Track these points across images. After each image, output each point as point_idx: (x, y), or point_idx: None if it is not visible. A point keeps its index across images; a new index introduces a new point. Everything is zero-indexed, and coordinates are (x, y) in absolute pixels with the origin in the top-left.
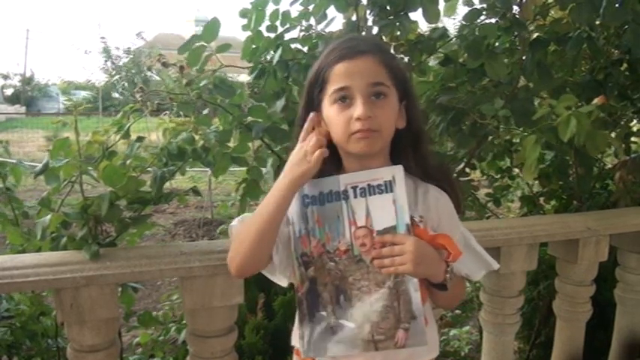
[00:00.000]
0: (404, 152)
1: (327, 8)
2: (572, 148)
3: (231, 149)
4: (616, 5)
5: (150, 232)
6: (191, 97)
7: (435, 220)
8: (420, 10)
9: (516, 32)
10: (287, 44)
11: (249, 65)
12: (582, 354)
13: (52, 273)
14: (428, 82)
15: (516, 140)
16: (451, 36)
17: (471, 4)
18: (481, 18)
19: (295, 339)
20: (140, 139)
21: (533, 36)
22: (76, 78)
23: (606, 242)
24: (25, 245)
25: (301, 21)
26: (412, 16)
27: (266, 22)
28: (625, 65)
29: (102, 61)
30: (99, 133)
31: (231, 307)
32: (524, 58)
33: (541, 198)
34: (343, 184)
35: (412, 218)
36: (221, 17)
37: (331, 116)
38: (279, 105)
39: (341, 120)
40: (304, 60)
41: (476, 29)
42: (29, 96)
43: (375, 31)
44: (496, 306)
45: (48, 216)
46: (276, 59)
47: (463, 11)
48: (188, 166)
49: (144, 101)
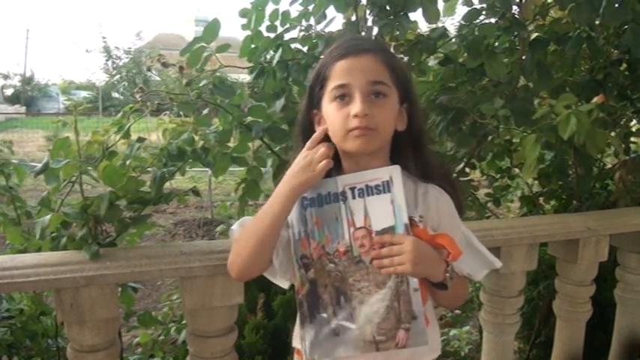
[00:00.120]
0: (404, 153)
1: (327, 8)
2: (571, 148)
3: (231, 149)
4: (615, 5)
5: (150, 232)
6: (191, 97)
7: (435, 220)
8: (420, 11)
9: (516, 32)
10: (287, 44)
11: (249, 65)
12: (582, 354)
13: (52, 273)
14: (428, 82)
15: (516, 140)
16: (451, 36)
17: (471, 4)
18: (480, 18)
19: (296, 340)
20: (141, 140)
21: (532, 36)
22: (77, 78)
23: (606, 242)
24: (25, 245)
25: (301, 21)
26: (412, 17)
27: (266, 22)
28: (624, 65)
29: (102, 61)
30: (99, 133)
31: (231, 307)
32: (523, 58)
33: (541, 198)
34: (341, 186)
35: (412, 218)
36: (221, 17)
37: (330, 113)
38: (278, 105)
39: (339, 117)
40: (304, 60)
41: (475, 29)
42: (29, 96)
43: (375, 32)
44: (496, 306)
45: (48, 216)
46: (276, 59)
47: (462, 11)
48: (188, 167)
49: (144, 101)
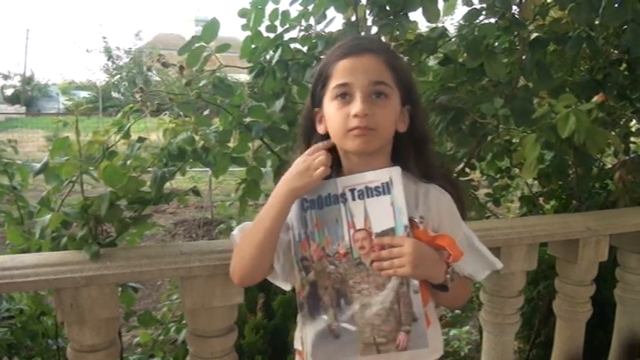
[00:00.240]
0: (405, 154)
1: (327, 8)
2: (571, 148)
3: (231, 149)
4: (615, 5)
5: (150, 232)
6: (191, 97)
7: (436, 221)
8: (420, 10)
9: (516, 32)
10: (286, 44)
11: (248, 65)
12: (582, 354)
13: (52, 273)
14: (427, 82)
15: (516, 140)
16: (450, 36)
17: (471, 4)
18: (480, 18)
19: (297, 341)
20: (141, 140)
21: (532, 36)
22: (77, 78)
23: (606, 242)
24: (25, 245)
25: (301, 21)
26: (412, 16)
27: (265, 22)
28: (624, 65)
29: (103, 61)
30: (99, 133)
31: (231, 307)
32: (523, 58)
33: (541, 198)
34: (341, 187)
35: (412, 219)
36: (221, 17)
37: (330, 112)
38: (278, 105)
39: (339, 116)
40: (303, 60)
41: (475, 29)
42: (29, 96)
43: (375, 31)
44: (496, 306)
45: (48, 215)
46: (275, 59)
47: (462, 11)
48: (188, 167)
49: (144, 101)
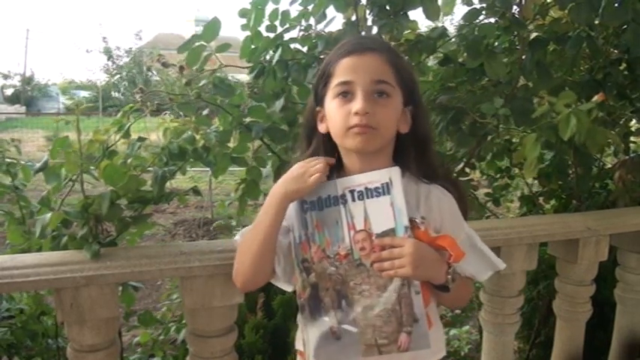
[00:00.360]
0: (407, 154)
1: (327, 8)
2: (571, 148)
3: (231, 149)
4: (615, 5)
5: (150, 232)
6: (191, 97)
7: (438, 221)
8: (420, 10)
9: (516, 32)
10: (286, 44)
11: (249, 65)
12: (582, 354)
13: (52, 273)
14: (427, 82)
15: (516, 140)
16: (450, 35)
17: (471, 4)
18: (480, 18)
19: (299, 342)
20: (141, 139)
21: (532, 35)
22: (77, 77)
23: (606, 242)
24: (25, 244)
25: (301, 21)
26: (412, 16)
27: (265, 22)
28: (624, 65)
29: (103, 61)
30: (99, 132)
31: (231, 307)
32: (523, 58)
33: (540, 198)
34: (341, 189)
35: (413, 220)
36: (221, 17)
37: (332, 109)
38: (278, 105)
39: (340, 114)
40: (304, 60)
41: (475, 29)
42: (29, 96)
43: (375, 31)
44: (496, 306)
45: (48, 214)
46: (275, 59)
47: (461, 11)
48: (189, 166)
49: (144, 102)
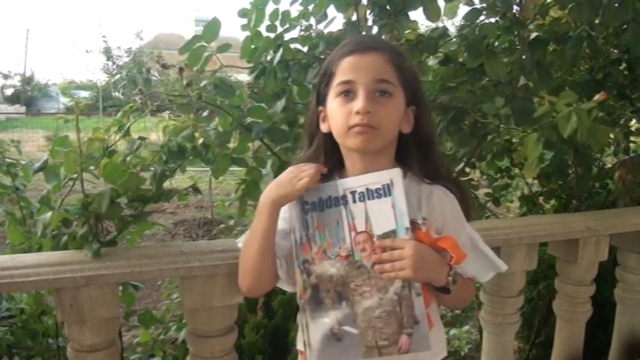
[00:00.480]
0: (409, 154)
1: (327, 8)
2: (571, 148)
3: (231, 150)
4: (616, 5)
5: (150, 232)
6: (191, 98)
7: (440, 221)
8: (421, 10)
9: (516, 32)
10: (287, 44)
11: (249, 65)
12: (582, 354)
13: (53, 273)
14: (427, 82)
15: (515, 140)
16: (451, 36)
17: (472, 4)
18: (481, 18)
19: (300, 343)
20: (142, 139)
21: (532, 35)
22: (77, 77)
23: (606, 242)
24: (26, 244)
25: (301, 21)
26: (413, 16)
27: (266, 22)
28: (624, 65)
29: (103, 61)
30: (99, 131)
31: (231, 307)
32: (523, 58)
33: (540, 197)
34: (342, 190)
35: (415, 221)
36: (221, 17)
37: (333, 109)
38: (279, 106)
39: (342, 113)
40: (304, 60)
41: (476, 29)
42: (29, 96)
43: (375, 31)
44: (496, 306)
45: (48, 213)
46: (277, 59)
47: (462, 11)
48: (188, 165)
49: (143, 103)
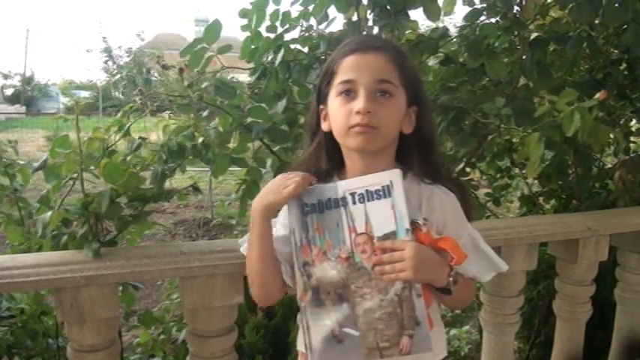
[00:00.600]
0: (410, 154)
1: (328, 8)
2: (571, 148)
3: (231, 150)
4: (616, 5)
5: (150, 232)
6: (192, 99)
7: (441, 222)
8: (421, 10)
9: (516, 32)
10: (288, 45)
11: (249, 66)
12: (582, 354)
13: (53, 273)
14: (428, 82)
15: (516, 140)
16: (452, 36)
17: (472, 4)
18: (481, 18)
19: (301, 344)
20: (142, 139)
21: (532, 35)
22: (77, 77)
23: (606, 242)
24: (25, 244)
25: (301, 21)
26: (413, 16)
27: (266, 23)
28: (624, 65)
29: (102, 61)
30: (99, 130)
31: (231, 307)
32: (524, 58)
33: (540, 198)
34: (341, 191)
35: (415, 221)
36: (221, 17)
37: (334, 108)
38: (280, 106)
39: (342, 112)
40: (305, 61)
41: (476, 29)
42: (29, 96)
43: (376, 31)
44: (496, 306)
45: (48, 213)
46: (278, 60)
47: (462, 11)
48: (188, 165)
49: (143, 103)
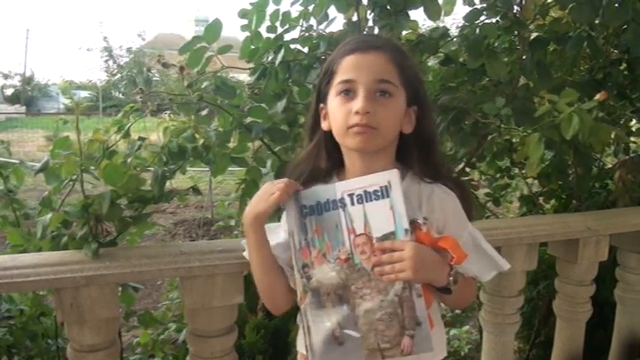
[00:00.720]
0: (410, 154)
1: (328, 8)
2: (571, 148)
3: (230, 150)
4: (616, 5)
5: (150, 232)
6: (192, 98)
7: (441, 221)
8: (421, 9)
9: (516, 32)
10: (288, 45)
11: (249, 66)
12: (582, 354)
13: (52, 273)
14: (428, 82)
15: (516, 140)
16: (452, 36)
17: (472, 4)
18: (481, 18)
19: (300, 344)
20: (141, 139)
21: (532, 35)
22: (77, 77)
23: (606, 242)
24: (25, 245)
25: (301, 21)
26: (413, 16)
27: (266, 23)
28: (624, 65)
29: (103, 61)
30: (99, 132)
31: (231, 307)
32: (524, 58)
33: (540, 198)
34: (340, 192)
35: (415, 220)
36: (221, 17)
37: (333, 107)
38: (280, 106)
39: (341, 112)
40: (305, 61)
41: (476, 29)
42: (29, 96)
43: (376, 32)
44: (496, 306)
45: (48, 215)
46: (278, 60)
47: (462, 11)
48: (188, 166)
49: (144, 102)
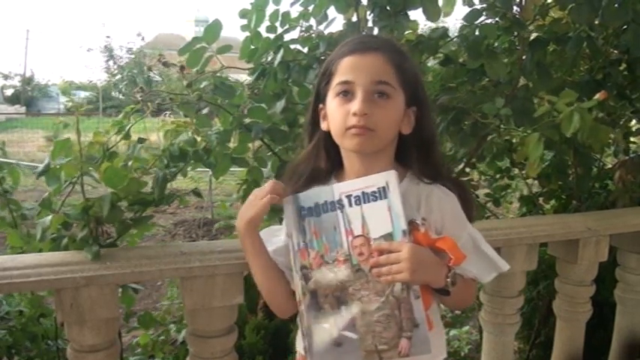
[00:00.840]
0: (409, 155)
1: (328, 9)
2: (571, 148)
3: (231, 150)
4: (616, 5)
5: (150, 233)
6: (192, 98)
7: (439, 222)
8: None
9: (516, 32)
10: (287, 45)
11: (249, 66)
12: (582, 354)
13: (53, 273)
14: (428, 83)
15: (516, 140)
16: (452, 36)
17: (472, 4)
18: (481, 18)
19: (300, 345)
20: (141, 141)
21: (532, 36)
22: (77, 78)
23: (606, 242)
24: (25, 247)
25: (301, 22)
26: (413, 16)
27: (266, 23)
28: (624, 65)
29: (103, 61)
30: (100, 134)
31: (231, 307)
32: (523, 58)
33: (540, 198)
34: (338, 194)
35: (414, 221)
36: (221, 17)
37: (332, 108)
38: (279, 106)
39: (340, 113)
40: (305, 61)
41: (476, 29)
42: (29, 96)
43: (375, 32)
44: (496, 306)
45: (48, 217)
46: (277, 60)
47: (462, 11)
48: (189, 168)
49: (144, 101)
